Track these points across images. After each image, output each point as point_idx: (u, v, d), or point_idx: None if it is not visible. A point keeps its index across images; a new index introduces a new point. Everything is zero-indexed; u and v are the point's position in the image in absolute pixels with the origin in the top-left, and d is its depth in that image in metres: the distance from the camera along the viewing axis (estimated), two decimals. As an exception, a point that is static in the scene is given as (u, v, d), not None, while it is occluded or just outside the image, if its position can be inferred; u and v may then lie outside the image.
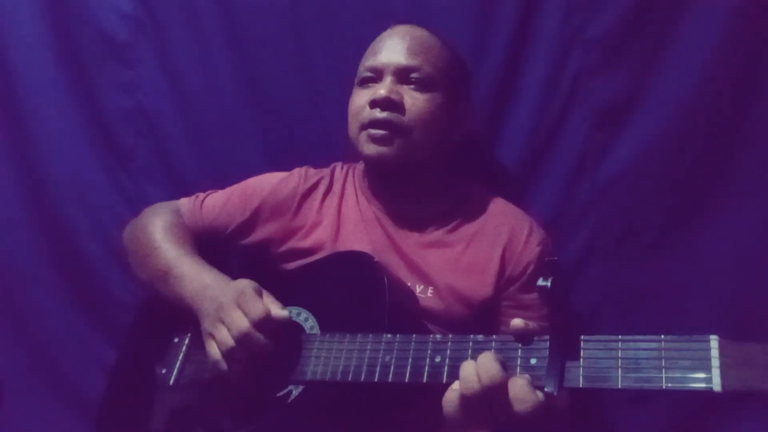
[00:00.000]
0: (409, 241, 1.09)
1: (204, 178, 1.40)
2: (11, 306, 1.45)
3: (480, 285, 1.03)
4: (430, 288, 1.03)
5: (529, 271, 1.06)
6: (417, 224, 1.10)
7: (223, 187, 1.24)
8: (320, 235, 1.10)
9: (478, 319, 1.04)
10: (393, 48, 1.08)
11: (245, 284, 0.93)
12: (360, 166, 1.19)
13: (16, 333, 1.44)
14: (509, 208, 1.14)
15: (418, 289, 1.04)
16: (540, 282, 0.70)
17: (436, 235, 1.09)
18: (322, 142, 1.34)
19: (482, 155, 1.30)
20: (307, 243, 1.10)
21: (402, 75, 1.07)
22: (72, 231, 1.44)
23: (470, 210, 1.12)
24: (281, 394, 0.91)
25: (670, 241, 1.20)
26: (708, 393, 0.61)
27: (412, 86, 1.06)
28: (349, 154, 1.17)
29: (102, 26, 1.45)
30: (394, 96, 1.04)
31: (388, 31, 1.12)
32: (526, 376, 0.74)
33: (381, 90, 1.05)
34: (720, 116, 1.19)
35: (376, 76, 1.09)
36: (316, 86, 1.37)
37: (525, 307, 1.05)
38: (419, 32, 1.11)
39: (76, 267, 1.44)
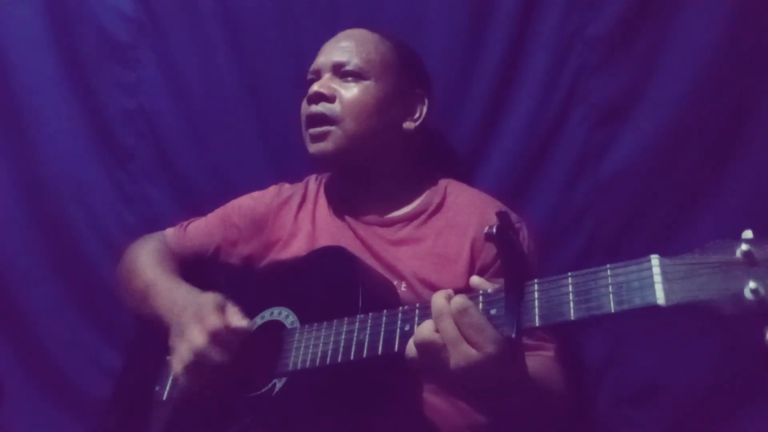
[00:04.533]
0: (380, 240, 1.10)
1: (204, 178, 1.42)
2: (11, 306, 1.45)
3: (451, 276, 1.03)
4: (403, 283, 1.04)
5: None
6: (386, 222, 1.12)
7: (221, 187, 1.25)
8: (297, 245, 1.12)
9: None
10: (328, 49, 1.15)
11: (207, 299, 0.95)
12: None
13: (15, 333, 1.45)
14: (480, 198, 1.14)
15: None
16: (486, 229, 0.71)
17: (406, 231, 1.10)
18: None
19: (481, 154, 1.29)
20: (285, 254, 1.12)
21: (336, 70, 1.11)
22: (72, 231, 1.45)
23: (441, 203, 1.12)
24: (266, 389, 0.91)
25: (669, 241, 1.18)
26: (653, 308, 0.63)
27: (348, 79, 1.10)
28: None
29: (103, 27, 1.47)
30: (324, 90, 1.09)
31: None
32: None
33: (314, 86, 1.10)
34: (719, 115, 1.18)
35: (316, 77, 1.13)
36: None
37: None
38: (355, 32, 1.16)
39: (76, 267, 1.44)
